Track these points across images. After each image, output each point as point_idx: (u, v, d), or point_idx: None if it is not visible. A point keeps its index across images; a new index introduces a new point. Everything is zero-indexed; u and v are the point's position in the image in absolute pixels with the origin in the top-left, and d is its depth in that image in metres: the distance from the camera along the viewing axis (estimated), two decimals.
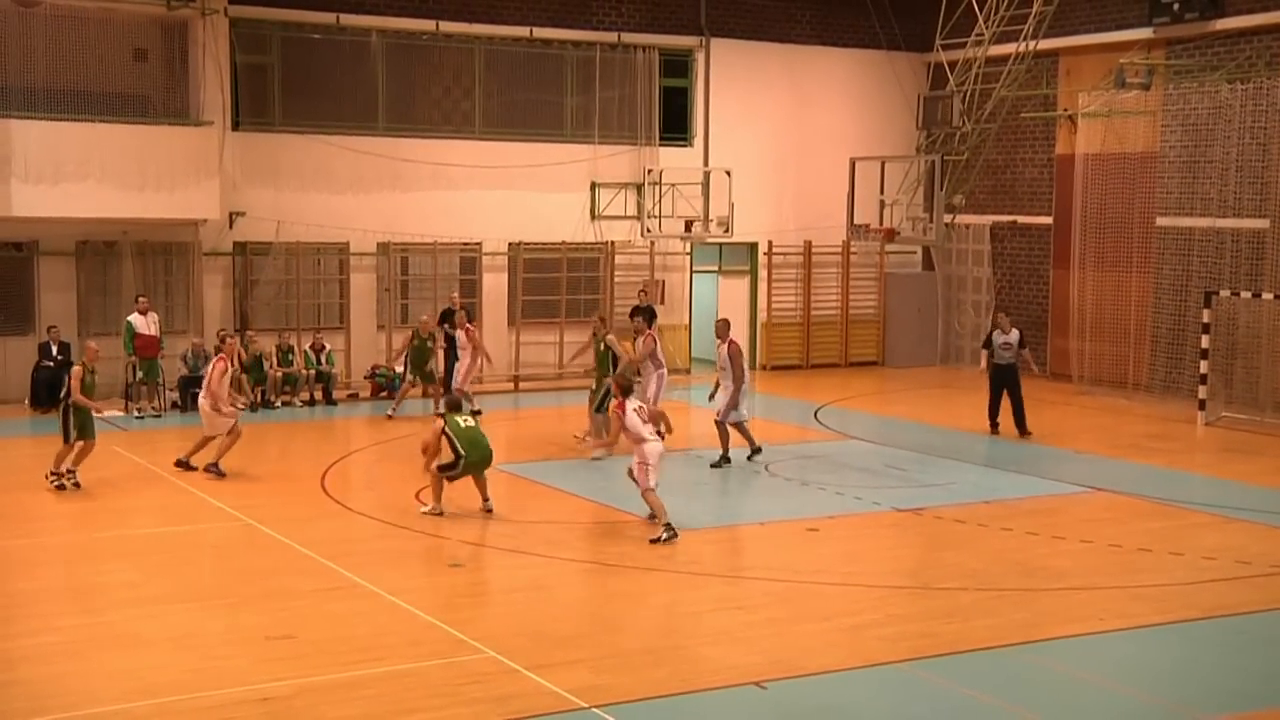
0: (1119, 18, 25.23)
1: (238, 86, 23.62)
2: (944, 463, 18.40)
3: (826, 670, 10.22)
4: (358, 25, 24.55)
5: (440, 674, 10.03)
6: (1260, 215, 22.79)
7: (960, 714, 9.51)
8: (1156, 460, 18.80)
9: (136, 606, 11.69)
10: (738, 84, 27.68)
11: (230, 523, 14.78)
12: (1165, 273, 24.36)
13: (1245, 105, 22.85)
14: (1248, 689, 10.04)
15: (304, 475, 17.23)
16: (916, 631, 11.19)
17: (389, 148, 24.71)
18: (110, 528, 14.65)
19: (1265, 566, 13.24)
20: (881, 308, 29.34)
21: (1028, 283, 27.73)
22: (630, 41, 26.64)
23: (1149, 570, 13.15)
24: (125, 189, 21.64)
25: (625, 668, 10.21)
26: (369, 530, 14.60)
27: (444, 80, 25.83)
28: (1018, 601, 12.09)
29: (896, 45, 28.87)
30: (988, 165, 27.71)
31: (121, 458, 18.29)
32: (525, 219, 25.71)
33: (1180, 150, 24.03)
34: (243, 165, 23.64)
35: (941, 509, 15.59)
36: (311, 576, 12.62)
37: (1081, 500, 16.22)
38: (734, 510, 16.09)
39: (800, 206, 28.36)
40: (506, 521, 14.95)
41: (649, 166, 26.65)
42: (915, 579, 13.08)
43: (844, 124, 28.59)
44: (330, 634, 10.93)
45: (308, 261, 24.42)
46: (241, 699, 9.48)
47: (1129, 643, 11.01)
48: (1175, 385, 23.77)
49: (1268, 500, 16.28)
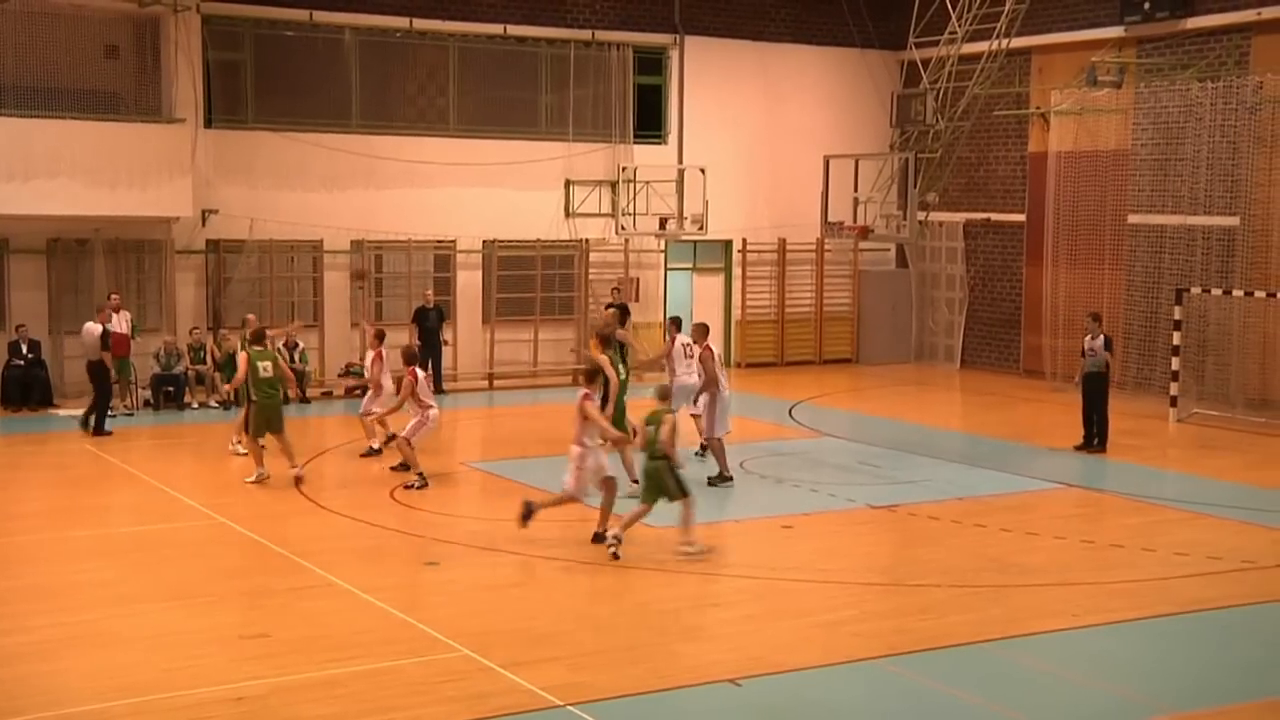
0: (1091, 16, 25.38)
1: (210, 83, 23.52)
2: (918, 459, 18.47)
3: (802, 667, 10.24)
4: (331, 22, 24.46)
5: (416, 672, 10.01)
6: (1230, 213, 22.97)
7: (935, 710, 9.55)
8: (1129, 456, 18.91)
9: (111, 606, 11.64)
10: (712, 81, 27.71)
11: (204, 521, 14.71)
12: (1137, 270, 24.53)
13: (1215, 103, 23.02)
14: (1221, 683, 10.12)
15: (277, 473, 17.14)
16: (891, 628, 11.23)
17: (363, 145, 24.63)
18: (84, 527, 14.57)
19: (1236, 561, 13.35)
20: (855, 305, 29.43)
21: (1001, 280, 27.86)
22: (605, 39, 26.64)
23: (1122, 566, 13.24)
24: (97, 186, 21.52)
25: (601, 665, 10.21)
26: (343, 528, 14.57)
27: (418, 77, 25.77)
28: (992, 597, 12.15)
29: (870, 43, 28.96)
30: (961, 163, 27.80)
31: (94, 456, 18.19)
32: (500, 216, 25.68)
33: (1151, 148, 24.20)
34: (215, 162, 23.52)
35: (916, 506, 15.66)
36: (286, 575, 12.58)
37: (1054, 496, 16.31)
38: (710, 508, 16.08)
39: (774, 204, 28.42)
40: (481, 520, 14.94)
41: (623, 164, 26.66)
42: (890, 575, 13.13)
43: (818, 121, 28.67)
44: (305, 632, 10.89)
45: (281, 259, 24.33)
46: (216, 698, 9.44)
47: (1103, 638, 11.08)
48: (1147, 382, 23.94)
49: (1238, 496, 16.41)
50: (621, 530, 13.23)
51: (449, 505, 15.61)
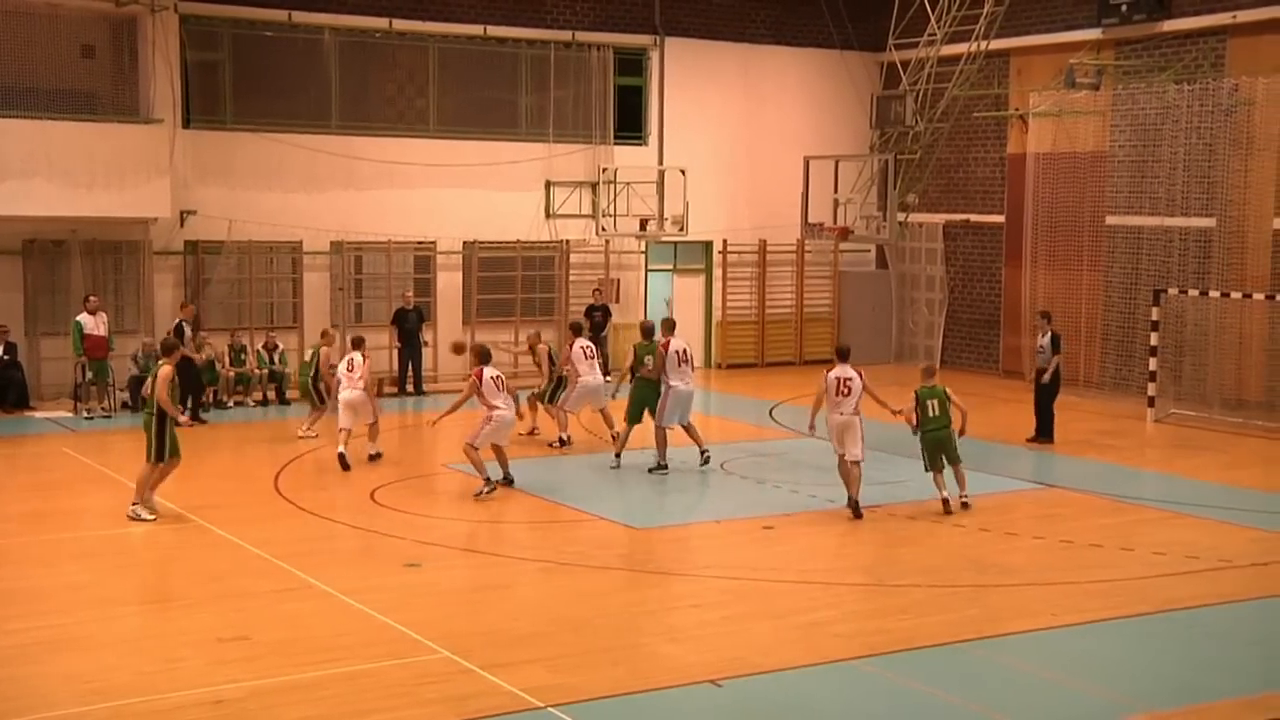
0: (1069, 18, 25.49)
1: (188, 84, 23.42)
2: (898, 460, 18.49)
3: (782, 667, 10.25)
4: (310, 22, 24.39)
5: (396, 674, 9.99)
6: (1207, 214, 23.10)
7: (914, 710, 9.58)
8: (1107, 456, 19.00)
9: (88, 609, 11.57)
10: (692, 83, 27.73)
11: (183, 524, 14.65)
12: (1115, 271, 24.65)
13: (1191, 105, 23.15)
14: (1199, 681, 10.17)
15: (257, 475, 17.11)
16: (871, 628, 11.26)
17: (342, 146, 24.57)
18: (61, 529, 14.48)
19: (1214, 560, 13.42)
20: (836, 306, 29.48)
21: (980, 281, 27.95)
22: (585, 40, 26.63)
23: (1100, 565, 13.29)
24: (74, 187, 21.39)
25: (582, 666, 10.20)
26: (323, 530, 14.53)
27: (398, 78, 25.71)
28: (971, 597, 12.19)
29: (850, 45, 29.01)
30: (940, 164, 27.91)
31: (71, 459, 18.09)
32: (480, 218, 25.64)
33: (1129, 150, 24.32)
34: (194, 163, 23.42)
35: (895, 506, 15.70)
36: (265, 577, 12.53)
37: (1033, 496, 16.37)
38: (690, 509, 16.12)
39: (755, 205, 28.45)
40: (462, 521, 14.92)
41: (604, 165, 26.65)
42: (870, 576, 13.16)
43: (798, 123, 28.71)
44: (284, 635, 10.86)
45: (260, 260, 24.25)
46: (195, 701, 9.40)
47: (1081, 637, 11.12)
48: (1125, 382, 24.05)
49: (1215, 495, 16.50)
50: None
51: (429, 507, 15.58)
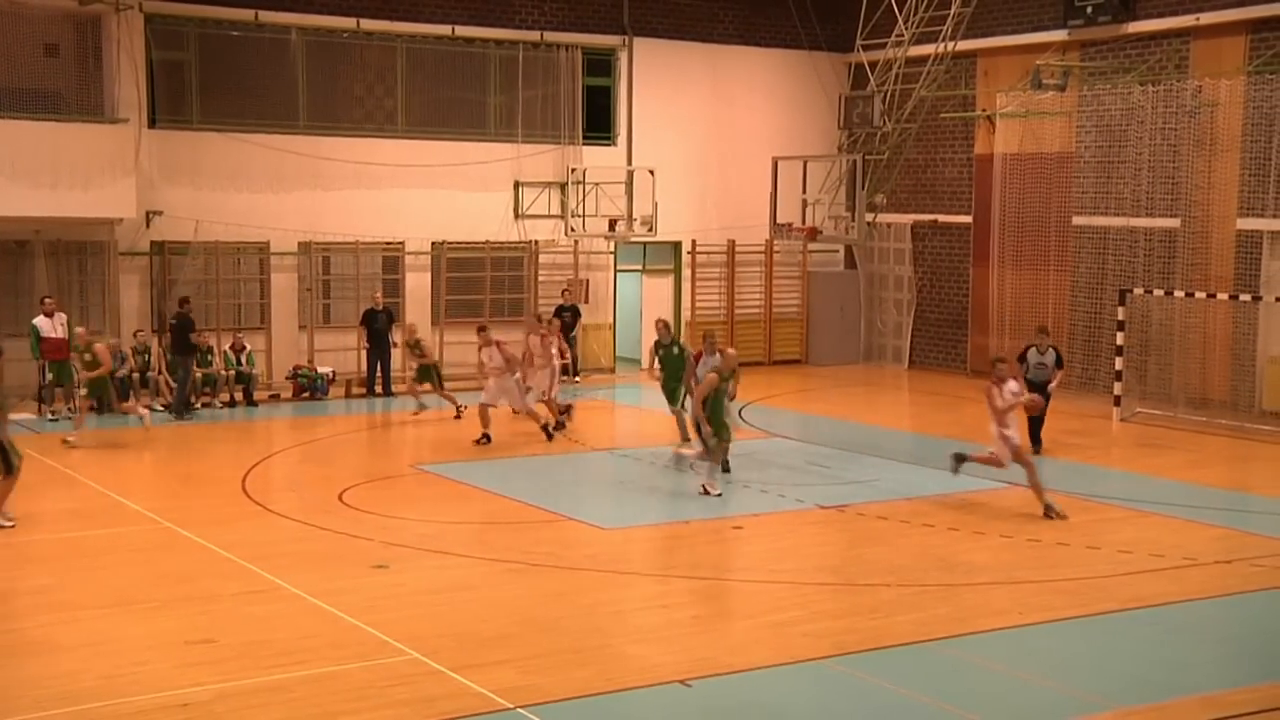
0: (1035, 20, 25.64)
1: (154, 83, 23.26)
2: (867, 459, 18.57)
3: (751, 667, 10.26)
4: (277, 22, 24.26)
5: (364, 676, 9.94)
6: (1171, 214, 23.28)
7: (884, 709, 9.59)
8: (1073, 456, 19.10)
9: (51, 612, 11.46)
10: (661, 83, 27.73)
11: (149, 526, 14.53)
12: (1081, 271, 24.82)
13: (1156, 107, 23.33)
14: (1165, 678, 10.22)
15: (224, 477, 17.00)
16: (841, 628, 11.28)
17: (310, 146, 24.44)
18: (23, 532, 14.32)
19: (1178, 558, 13.51)
20: (804, 306, 29.55)
21: (948, 281, 28.07)
22: (553, 40, 26.59)
23: (1067, 564, 13.37)
24: (37, 187, 21.19)
25: (551, 667, 10.18)
26: (291, 532, 14.44)
27: (365, 78, 25.60)
28: (940, 596, 12.23)
29: (818, 45, 29.09)
30: (908, 165, 28.00)
31: (34, 461, 17.87)
32: (448, 218, 25.57)
33: (1095, 150, 24.49)
34: (160, 163, 23.26)
35: (864, 506, 15.73)
36: (232, 579, 12.45)
37: (1001, 496, 16.44)
38: (659, 509, 16.11)
39: (723, 205, 28.48)
40: (429, 522, 14.86)
41: (573, 166, 26.63)
42: (839, 575, 13.18)
43: (766, 123, 28.76)
44: (251, 637, 10.78)
45: (227, 261, 24.10)
46: (161, 705, 9.32)
47: (1049, 635, 11.18)
48: (1091, 382, 24.21)
49: (1180, 494, 16.62)
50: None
51: (397, 508, 15.51)
